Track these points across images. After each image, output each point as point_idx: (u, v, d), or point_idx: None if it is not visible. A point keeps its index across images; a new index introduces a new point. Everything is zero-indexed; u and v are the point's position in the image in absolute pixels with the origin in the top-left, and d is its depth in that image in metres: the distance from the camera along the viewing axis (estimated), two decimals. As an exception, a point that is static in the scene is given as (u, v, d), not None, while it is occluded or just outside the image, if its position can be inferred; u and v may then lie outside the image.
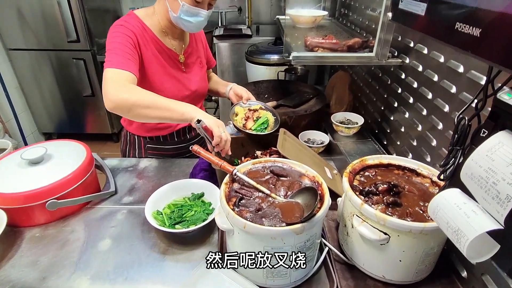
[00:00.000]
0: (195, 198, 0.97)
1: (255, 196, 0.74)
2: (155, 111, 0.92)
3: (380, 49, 1.05)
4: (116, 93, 0.90)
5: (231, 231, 0.69)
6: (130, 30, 1.03)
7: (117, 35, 1.02)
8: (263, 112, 1.18)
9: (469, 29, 0.32)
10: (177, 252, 0.84)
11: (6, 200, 0.88)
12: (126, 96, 0.90)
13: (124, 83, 0.93)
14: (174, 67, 1.19)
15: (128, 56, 0.99)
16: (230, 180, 0.78)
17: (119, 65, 0.96)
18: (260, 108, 1.20)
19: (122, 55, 0.98)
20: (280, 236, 0.63)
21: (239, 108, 1.21)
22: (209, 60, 1.38)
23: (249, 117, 1.16)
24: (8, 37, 2.69)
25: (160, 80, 1.15)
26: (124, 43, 1.01)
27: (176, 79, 1.19)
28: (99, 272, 0.79)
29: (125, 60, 0.98)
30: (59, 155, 1.02)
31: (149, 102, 0.92)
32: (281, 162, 0.85)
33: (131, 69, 0.97)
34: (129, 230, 0.91)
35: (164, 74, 1.16)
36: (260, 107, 1.21)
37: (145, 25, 1.09)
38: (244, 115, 1.17)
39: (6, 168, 0.97)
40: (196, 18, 1.05)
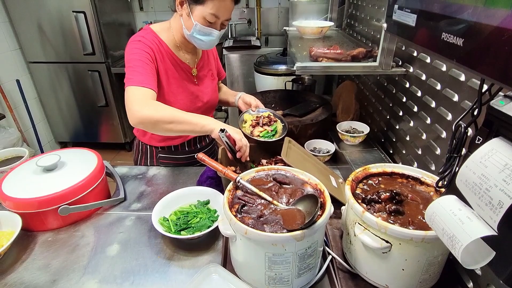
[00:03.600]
0: (200, 205, 0.99)
1: (258, 203, 0.75)
2: (177, 125, 0.98)
3: (384, 59, 1.06)
4: (140, 110, 0.95)
5: (233, 237, 0.71)
6: (147, 46, 1.08)
7: (135, 52, 1.07)
8: (272, 119, 1.22)
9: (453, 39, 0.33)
10: (182, 258, 0.86)
11: (21, 205, 0.92)
12: (150, 113, 0.95)
13: (147, 101, 0.98)
14: (187, 80, 1.22)
15: (147, 73, 1.04)
16: (234, 187, 0.80)
17: (140, 83, 1.00)
18: (269, 116, 1.22)
19: (141, 72, 1.03)
20: (281, 243, 0.64)
21: (247, 115, 1.24)
22: (220, 72, 1.42)
23: (257, 124, 1.18)
24: (29, 50, 2.82)
25: (174, 92, 1.19)
26: (143, 59, 1.05)
27: (189, 92, 1.23)
28: (106, 276, 0.81)
29: (145, 77, 1.03)
30: (71, 162, 1.07)
31: (171, 117, 0.97)
32: (285, 170, 0.86)
33: (151, 86, 1.02)
34: (137, 236, 0.94)
35: (177, 86, 1.20)
36: (268, 114, 1.24)
37: (160, 39, 1.14)
38: (252, 122, 1.20)
39: (22, 174, 1.02)
40: (208, 37, 1.09)
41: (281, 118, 1.23)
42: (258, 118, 1.23)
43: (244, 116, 1.24)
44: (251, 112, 1.25)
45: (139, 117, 0.95)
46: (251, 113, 1.25)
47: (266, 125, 1.22)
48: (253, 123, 1.21)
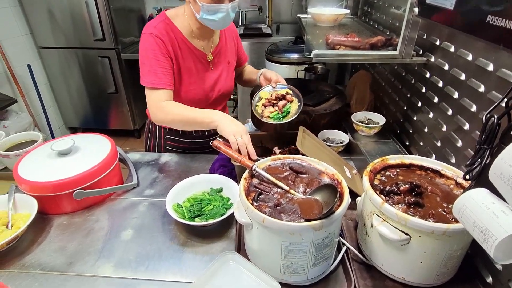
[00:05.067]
0: (214, 193, 0.99)
1: (274, 192, 0.75)
2: (187, 125, 1.09)
3: (404, 48, 1.03)
4: (154, 114, 1.09)
5: (249, 225, 0.70)
6: (159, 39, 1.07)
7: (148, 47, 1.07)
8: (287, 100, 1.14)
9: (501, 22, 0.31)
10: (196, 244, 0.86)
11: (37, 188, 0.93)
12: (162, 117, 1.08)
13: (159, 105, 1.07)
14: (202, 67, 1.21)
15: (160, 70, 1.07)
16: (250, 175, 0.79)
17: (152, 83, 1.07)
18: (286, 93, 1.15)
19: (154, 70, 1.07)
20: (299, 232, 0.64)
21: (264, 93, 1.20)
22: (241, 56, 1.39)
23: (270, 104, 1.14)
24: (39, 35, 2.82)
25: (189, 80, 1.18)
26: (155, 54, 1.07)
27: (203, 79, 1.21)
28: (121, 260, 0.82)
29: (158, 76, 1.07)
30: (85, 147, 1.07)
31: (181, 118, 1.06)
32: (300, 159, 0.85)
33: (164, 84, 1.08)
34: (150, 221, 0.94)
35: (191, 74, 1.19)
36: (286, 91, 1.16)
37: (174, 26, 1.12)
38: (264, 101, 1.16)
39: (37, 158, 1.02)
40: (218, 15, 1.06)
41: (298, 97, 1.15)
42: (271, 97, 1.16)
43: (260, 93, 1.18)
44: (268, 90, 1.19)
45: (155, 120, 1.11)
46: (268, 91, 1.19)
47: (278, 104, 1.13)
48: (266, 103, 1.15)
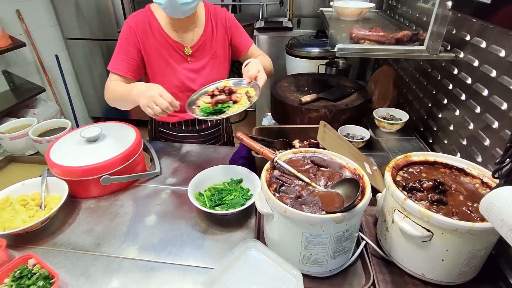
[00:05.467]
0: (234, 184, 1.01)
1: (295, 184, 0.75)
2: (120, 103, 1.15)
3: (432, 43, 1.00)
4: (104, 96, 1.18)
5: (270, 215, 0.72)
6: (130, 27, 1.14)
7: (121, 35, 1.16)
8: (232, 99, 1.04)
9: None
10: (216, 232, 0.88)
11: (67, 172, 0.98)
12: (107, 97, 1.17)
13: (108, 85, 1.15)
14: (178, 60, 1.21)
15: (122, 57, 1.15)
16: (271, 167, 0.80)
17: (112, 68, 1.16)
18: (246, 93, 1.05)
19: (116, 56, 1.16)
20: (320, 224, 0.64)
21: (226, 82, 1.14)
22: (238, 46, 1.30)
23: (211, 94, 1.07)
24: (66, 27, 2.91)
25: (162, 72, 1.21)
26: (123, 42, 1.15)
27: (179, 72, 1.22)
28: (145, 244, 0.85)
29: (118, 61, 1.16)
30: (111, 135, 1.11)
31: (113, 95, 1.14)
32: (322, 153, 0.86)
33: (119, 70, 1.15)
34: (173, 208, 0.97)
35: (166, 66, 1.21)
36: (247, 91, 1.06)
37: (154, 18, 1.15)
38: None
39: (67, 144, 1.08)
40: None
41: (255, 86, 1.06)
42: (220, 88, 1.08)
43: (222, 82, 1.14)
44: (233, 82, 1.13)
45: (106, 100, 1.18)
46: (232, 83, 1.13)
47: (217, 97, 1.04)
48: (209, 92, 1.09)
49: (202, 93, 1.13)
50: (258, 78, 1.07)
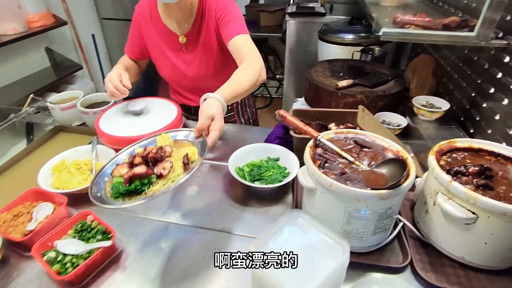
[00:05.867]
0: (271, 161, 1.04)
1: (339, 162, 0.77)
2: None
3: (483, 29, 0.97)
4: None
5: (313, 190, 0.74)
6: (136, 13, 1.20)
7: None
8: (172, 159, 0.70)
9: None
10: (255, 206, 0.92)
11: (115, 141, 1.04)
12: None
13: (117, 65, 1.23)
14: (174, 49, 1.20)
15: (129, 39, 1.26)
16: (314, 145, 0.82)
17: (125, 49, 1.30)
18: (185, 161, 0.70)
19: (128, 38, 1.27)
20: (365, 199, 0.66)
21: (164, 138, 0.79)
22: (223, 34, 1.09)
23: (130, 163, 0.70)
24: (102, 7, 2.99)
25: (159, 59, 1.26)
26: (131, 26, 1.24)
27: (172, 61, 1.23)
28: (189, 211, 0.91)
29: (128, 44, 1.28)
30: (155, 109, 1.16)
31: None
32: (364, 134, 0.86)
33: (128, 52, 1.29)
34: (213, 181, 1.02)
35: (161, 54, 1.23)
36: (189, 155, 0.71)
37: (154, 5, 1.16)
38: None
39: (114, 116, 1.14)
40: None
41: (203, 145, 0.75)
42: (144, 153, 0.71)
43: (158, 137, 0.81)
44: (174, 136, 0.81)
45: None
46: (172, 137, 0.81)
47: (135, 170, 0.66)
48: (131, 158, 0.72)
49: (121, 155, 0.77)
50: (210, 134, 0.75)
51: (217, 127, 0.77)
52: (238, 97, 0.90)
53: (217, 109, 0.79)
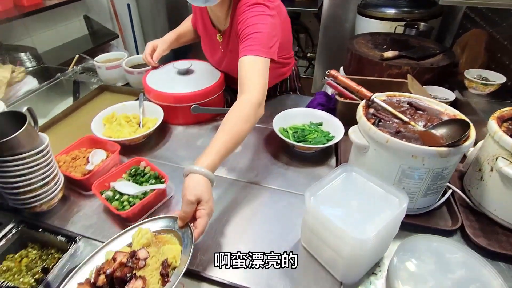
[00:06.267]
0: (313, 126, 1.03)
1: (393, 121, 0.76)
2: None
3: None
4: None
5: (365, 148, 0.73)
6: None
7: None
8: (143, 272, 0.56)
9: None
10: (299, 166, 0.93)
11: (162, 97, 1.07)
12: None
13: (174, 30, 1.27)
14: (212, 46, 1.15)
15: (193, 10, 1.21)
16: (366, 105, 0.81)
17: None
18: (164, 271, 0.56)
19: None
20: (422, 155, 0.65)
21: (141, 234, 0.63)
22: (239, 49, 0.91)
23: (105, 275, 0.55)
24: (138, -23, 3.00)
25: (204, 48, 1.23)
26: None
27: (211, 58, 1.20)
28: (233, 167, 0.92)
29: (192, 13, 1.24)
30: (199, 70, 1.18)
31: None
32: (418, 98, 0.84)
33: (191, 20, 1.28)
34: (256, 140, 1.03)
35: (205, 49, 1.22)
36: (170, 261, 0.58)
37: None
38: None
39: (160, 74, 1.16)
40: None
41: (186, 238, 0.62)
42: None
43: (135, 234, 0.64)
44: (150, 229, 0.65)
45: None
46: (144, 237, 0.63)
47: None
48: (107, 265, 0.57)
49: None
50: (197, 223, 0.62)
51: (205, 212, 0.63)
52: (228, 155, 0.74)
53: (204, 188, 0.64)
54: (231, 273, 0.63)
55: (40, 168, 0.70)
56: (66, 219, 0.77)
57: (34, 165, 0.69)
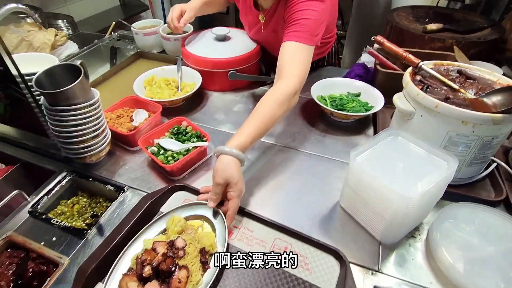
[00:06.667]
0: (351, 96, 1.02)
1: (441, 89, 0.74)
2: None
3: None
4: None
5: (411, 114, 0.72)
6: None
7: None
8: (184, 261, 0.57)
9: None
10: (336, 134, 0.93)
11: (200, 62, 1.08)
12: None
13: None
14: (253, 26, 1.10)
15: None
16: (413, 72, 0.79)
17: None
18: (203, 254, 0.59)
19: None
20: (473, 122, 0.63)
21: (174, 221, 0.64)
22: (284, 34, 0.88)
23: (138, 273, 0.56)
24: None
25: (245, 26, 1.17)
26: None
27: (251, 33, 1.15)
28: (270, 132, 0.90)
29: None
30: (236, 38, 1.17)
31: None
32: (467, 67, 0.80)
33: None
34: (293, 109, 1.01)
35: (245, 23, 1.16)
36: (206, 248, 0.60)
37: None
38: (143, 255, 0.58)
39: (199, 40, 1.17)
40: None
41: (220, 223, 0.64)
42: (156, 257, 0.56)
43: (169, 222, 0.65)
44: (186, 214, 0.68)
45: None
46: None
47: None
48: (143, 257, 0.56)
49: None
50: (229, 206, 0.65)
51: (235, 194, 0.64)
52: (260, 138, 0.74)
53: (233, 170, 0.65)
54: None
55: (91, 120, 0.73)
56: (113, 172, 0.81)
57: (87, 117, 0.72)
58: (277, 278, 0.58)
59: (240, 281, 0.58)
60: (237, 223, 0.67)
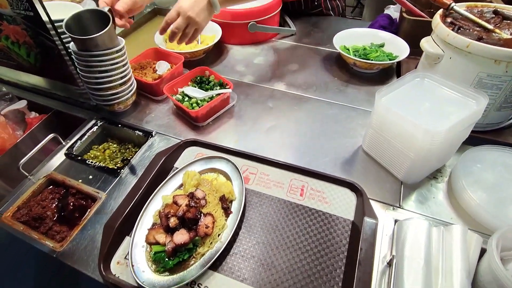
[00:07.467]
0: (374, 47, 0.99)
1: (474, 29, 0.70)
2: None
3: None
4: None
5: (439, 57, 0.70)
6: None
7: None
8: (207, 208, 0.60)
9: None
10: (357, 84, 0.92)
11: (220, 14, 1.03)
12: None
13: None
14: None
15: None
16: (443, 14, 0.75)
17: None
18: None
19: None
20: (507, 60, 0.61)
21: (189, 176, 0.65)
22: None
23: (164, 223, 0.57)
24: None
25: None
26: None
27: None
28: (291, 82, 0.93)
29: None
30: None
31: None
32: (504, 7, 0.76)
33: None
34: (312, 61, 1.01)
35: None
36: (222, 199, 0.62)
37: None
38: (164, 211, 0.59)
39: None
40: None
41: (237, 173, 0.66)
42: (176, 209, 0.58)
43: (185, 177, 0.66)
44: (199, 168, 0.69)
45: None
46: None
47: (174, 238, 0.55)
48: (166, 211, 0.58)
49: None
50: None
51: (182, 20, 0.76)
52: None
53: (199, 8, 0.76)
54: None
55: (119, 66, 0.75)
56: (140, 119, 0.84)
57: (114, 63, 0.74)
58: (298, 213, 0.61)
59: (264, 220, 0.61)
60: (253, 170, 0.69)
